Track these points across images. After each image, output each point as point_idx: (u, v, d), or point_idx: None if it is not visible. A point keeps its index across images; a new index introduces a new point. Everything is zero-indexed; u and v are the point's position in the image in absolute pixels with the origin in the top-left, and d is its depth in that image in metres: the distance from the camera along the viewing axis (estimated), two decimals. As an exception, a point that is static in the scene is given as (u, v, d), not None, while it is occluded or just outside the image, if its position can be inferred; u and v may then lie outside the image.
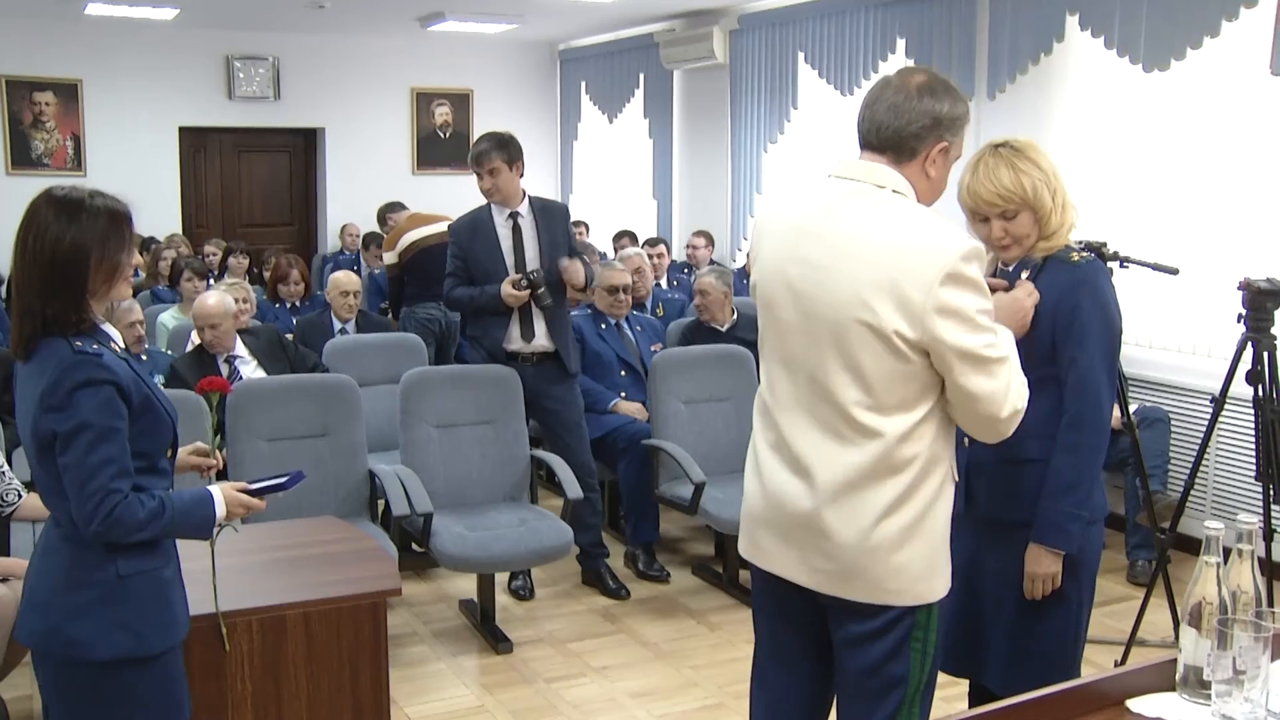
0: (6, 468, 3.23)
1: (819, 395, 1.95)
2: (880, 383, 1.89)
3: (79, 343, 1.98)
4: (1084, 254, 2.34)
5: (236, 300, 4.71)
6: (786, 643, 2.19)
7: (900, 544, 1.95)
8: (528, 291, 4.19)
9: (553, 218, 4.41)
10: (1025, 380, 1.98)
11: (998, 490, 2.27)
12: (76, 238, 1.98)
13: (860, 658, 2.02)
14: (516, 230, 4.33)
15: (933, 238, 1.88)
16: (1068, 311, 2.27)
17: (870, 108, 1.98)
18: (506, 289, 4.19)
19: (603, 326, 5.04)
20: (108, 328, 2.08)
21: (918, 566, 1.97)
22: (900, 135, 1.94)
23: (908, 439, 1.92)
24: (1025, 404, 1.96)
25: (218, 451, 2.38)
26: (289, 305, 6.15)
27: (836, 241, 1.92)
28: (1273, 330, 3.36)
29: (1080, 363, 2.27)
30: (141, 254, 7.39)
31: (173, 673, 2.13)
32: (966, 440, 2.28)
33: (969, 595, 2.20)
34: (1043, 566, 2.30)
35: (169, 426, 2.10)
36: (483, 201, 4.41)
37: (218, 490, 2.13)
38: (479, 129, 9.58)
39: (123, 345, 2.12)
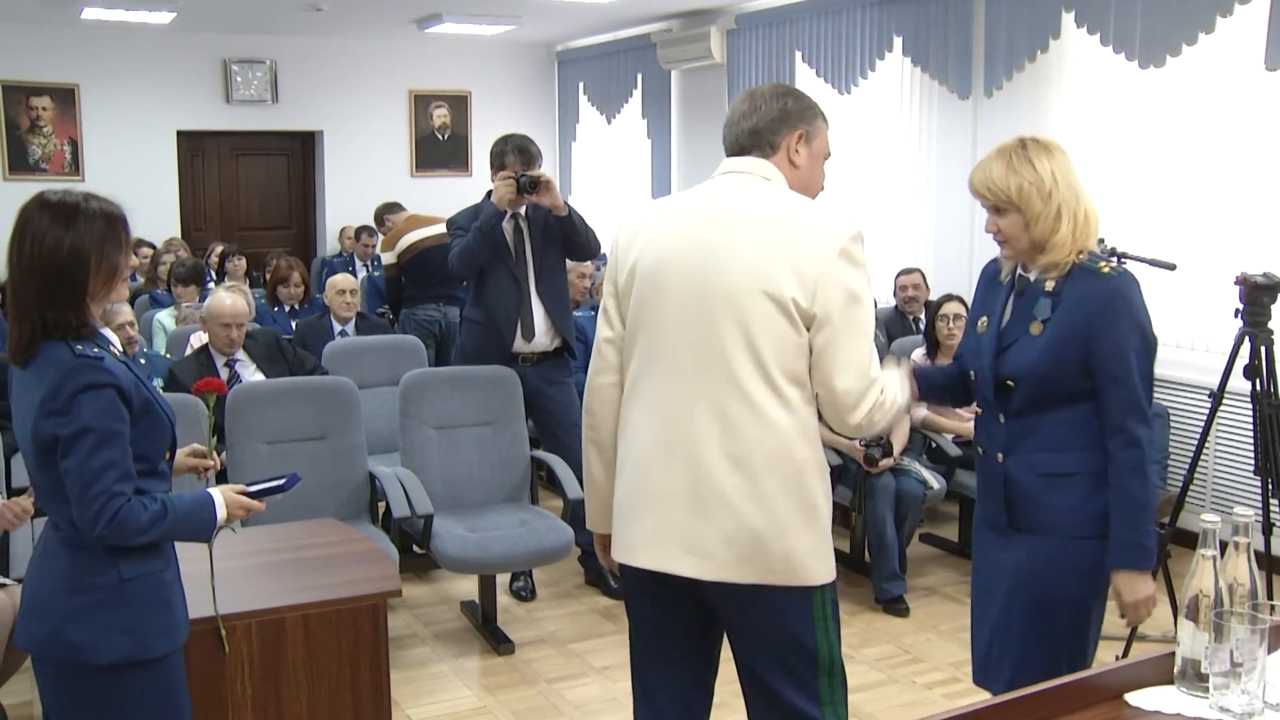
0: None
1: (712, 375, 2.02)
2: (776, 354, 1.99)
3: (79, 346, 1.98)
4: (1114, 265, 2.23)
5: (238, 303, 4.69)
6: (667, 643, 2.21)
7: (800, 524, 2.01)
8: (514, 186, 4.18)
9: (544, 218, 4.44)
10: (897, 386, 2.07)
11: (1034, 505, 2.28)
12: (75, 243, 1.98)
13: (764, 641, 2.07)
14: (518, 231, 4.34)
15: (825, 217, 2.04)
16: (1104, 328, 2.17)
17: (732, 125, 2.16)
18: (498, 184, 4.19)
19: (608, 330, 5.04)
20: (106, 331, 2.08)
21: (815, 546, 2.03)
22: (757, 131, 2.12)
23: (797, 418, 2.01)
24: (887, 397, 2.03)
25: (215, 453, 2.38)
26: (288, 308, 6.14)
27: (737, 220, 2.06)
28: (1270, 325, 3.37)
29: (1121, 379, 2.18)
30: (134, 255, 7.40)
31: (174, 676, 2.13)
32: (1000, 455, 2.29)
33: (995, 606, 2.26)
34: (1140, 590, 2.21)
35: (168, 429, 2.10)
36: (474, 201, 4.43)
37: (218, 492, 2.13)
38: (477, 131, 9.63)
39: (120, 348, 2.12)
